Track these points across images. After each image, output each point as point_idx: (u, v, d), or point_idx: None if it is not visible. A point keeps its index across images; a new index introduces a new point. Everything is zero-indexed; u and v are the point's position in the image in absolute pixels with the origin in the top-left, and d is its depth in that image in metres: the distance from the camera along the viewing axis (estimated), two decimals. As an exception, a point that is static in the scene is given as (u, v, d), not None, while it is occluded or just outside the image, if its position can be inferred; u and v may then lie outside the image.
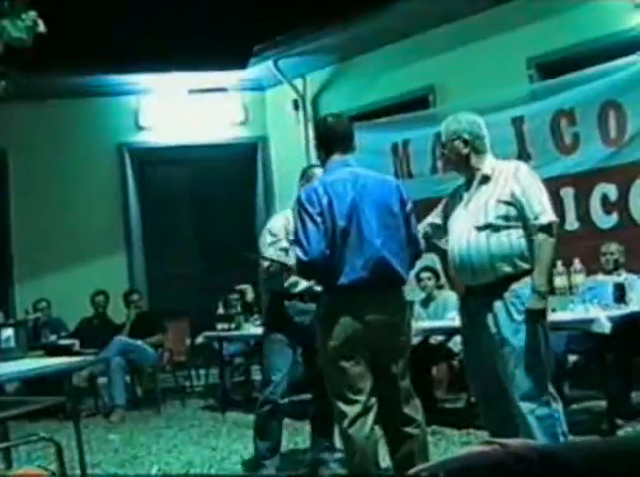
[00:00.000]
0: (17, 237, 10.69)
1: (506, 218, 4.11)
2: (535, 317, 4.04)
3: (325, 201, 3.97)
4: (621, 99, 7.35)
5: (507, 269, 4.10)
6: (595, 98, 7.51)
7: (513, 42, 8.26)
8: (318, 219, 3.95)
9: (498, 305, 4.09)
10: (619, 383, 6.16)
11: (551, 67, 8.23)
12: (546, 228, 4.08)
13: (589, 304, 6.05)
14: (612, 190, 7.44)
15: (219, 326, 8.26)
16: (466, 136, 4.32)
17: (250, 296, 9.31)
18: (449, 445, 5.90)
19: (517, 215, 4.12)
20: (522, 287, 4.09)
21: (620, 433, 5.60)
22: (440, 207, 4.67)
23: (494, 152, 8.08)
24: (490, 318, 4.12)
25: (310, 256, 3.91)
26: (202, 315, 9.38)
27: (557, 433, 4.03)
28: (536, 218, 4.08)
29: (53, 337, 8.95)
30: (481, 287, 4.17)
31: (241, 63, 10.40)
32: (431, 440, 6.01)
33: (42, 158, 10.64)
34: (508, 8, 8.25)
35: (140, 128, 11.08)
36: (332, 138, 4.30)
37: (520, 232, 4.12)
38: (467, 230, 4.19)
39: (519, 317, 4.05)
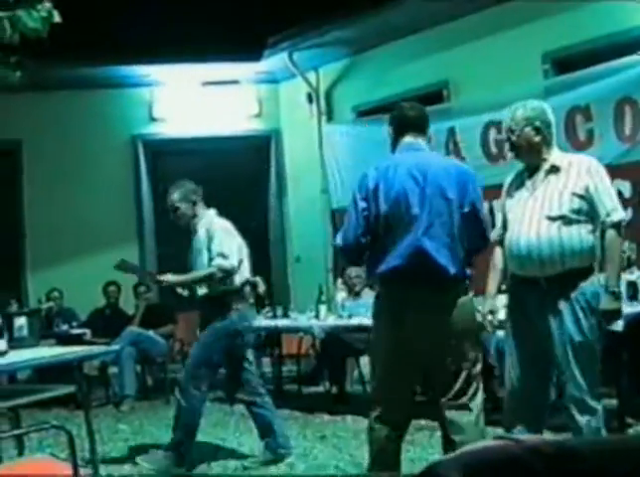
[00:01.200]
0: (30, 226, 10.75)
1: (578, 212, 4.10)
2: (610, 317, 4.05)
3: (372, 186, 3.94)
4: (637, 95, 7.31)
5: (575, 263, 4.09)
6: (611, 94, 7.48)
7: (528, 36, 8.22)
8: (361, 204, 3.94)
9: (562, 301, 4.08)
10: (631, 381, 6.14)
11: (566, 62, 8.20)
12: (617, 225, 4.10)
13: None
14: (626, 186, 7.40)
15: (229, 318, 8.28)
16: (538, 124, 4.24)
17: (262, 288, 9.33)
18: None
19: (588, 210, 4.10)
20: (587, 284, 4.10)
21: (630, 432, 5.59)
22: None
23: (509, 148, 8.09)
24: (552, 312, 4.11)
25: (344, 242, 3.95)
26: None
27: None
28: (608, 215, 4.08)
29: (65, 326, 8.99)
30: (545, 279, 4.13)
31: (255, 55, 10.38)
32: (440, 435, 6.05)
33: (56, 149, 10.68)
34: (524, 2, 8.21)
35: (154, 120, 11.10)
36: (403, 121, 4.25)
37: (589, 227, 4.13)
38: (537, 220, 4.14)
39: (582, 314, 4.05)
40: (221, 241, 5.78)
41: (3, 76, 6.62)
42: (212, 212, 6.16)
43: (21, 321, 4.90)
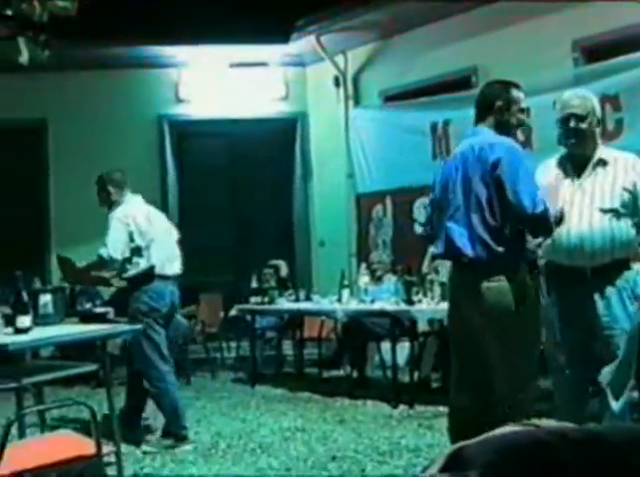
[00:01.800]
0: (55, 204, 10.82)
1: (626, 206, 4.20)
2: None
3: (436, 175, 4.18)
4: (667, 85, 7.25)
5: (622, 254, 4.20)
6: (641, 84, 7.41)
7: (559, 24, 8.13)
8: (430, 194, 4.23)
9: (609, 288, 4.16)
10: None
11: (596, 50, 8.11)
12: None
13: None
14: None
15: (252, 300, 8.33)
16: (598, 115, 4.36)
17: (284, 271, 9.38)
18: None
19: (632, 205, 4.21)
20: (631, 273, 4.23)
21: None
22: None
23: (536, 135, 8.05)
24: (599, 300, 4.17)
25: (421, 232, 4.15)
26: (235, 288, 9.43)
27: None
28: None
29: (88, 305, 9.05)
30: (592, 269, 4.19)
31: (283, 37, 10.35)
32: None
33: (82, 128, 10.71)
34: (555, -11, 8.13)
35: (180, 100, 11.10)
36: (477, 105, 4.36)
37: (631, 220, 4.23)
38: (588, 212, 4.19)
39: (628, 301, 4.14)
40: (109, 231, 6.01)
41: (32, 54, 6.65)
42: (131, 199, 6.40)
43: (46, 298, 4.93)
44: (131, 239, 5.90)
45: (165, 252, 6.13)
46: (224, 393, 7.88)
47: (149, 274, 5.88)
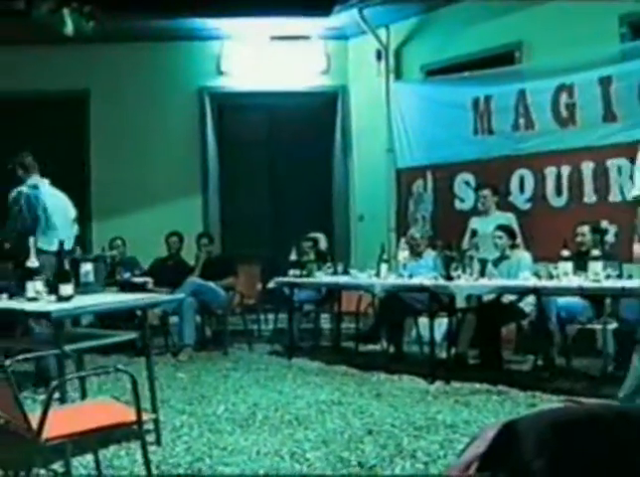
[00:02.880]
0: (96, 175, 10.90)
1: None
2: None
3: None
4: None
5: None
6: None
7: (606, -2, 8.00)
8: None
9: None
10: None
11: (644, 26, 7.98)
12: None
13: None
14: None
15: (291, 272, 8.34)
16: None
17: (323, 245, 9.39)
18: (514, 406, 5.88)
19: None
20: None
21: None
22: None
23: (580, 112, 7.95)
24: None
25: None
26: (273, 260, 9.45)
27: None
28: None
29: (127, 275, 9.13)
30: None
31: (325, 10, 10.27)
32: (496, 399, 6.05)
33: (123, 99, 10.78)
34: (603, -38, 7.98)
35: (221, 73, 11.09)
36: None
37: None
38: None
39: None
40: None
41: (77, 26, 6.70)
42: (33, 181, 6.90)
43: (87, 267, 4.99)
44: (25, 217, 6.53)
45: (62, 231, 6.66)
46: (261, 364, 7.92)
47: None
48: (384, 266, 7.73)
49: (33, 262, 4.78)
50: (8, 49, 10.24)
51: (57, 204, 7.06)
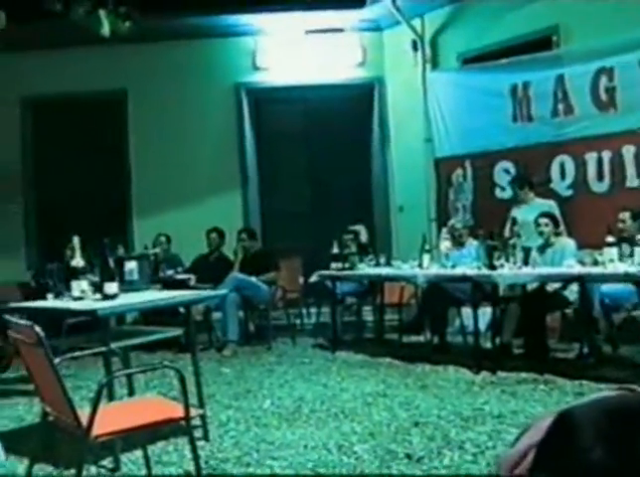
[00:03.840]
0: (136, 173, 11.00)
1: None
2: None
3: None
4: None
5: None
6: None
7: (645, -21, 7.87)
8: None
9: None
10: None
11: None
12: None
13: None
14: None
15: (333, 265, 8.32)
16: None
17: (364, 237, 9.37)
18: (561, 395, 5.83)
19: None
20: None
21: None
22: None
23: (620, 95, 7.84)
24: None
25: None
26: (315, 254, 9.45)
27: None
28: None
29: (170, 272, 9.18)
30: None
31: (359, 2, 10.27)
32: (543, 389, 6.00)
33: (161, 97, 10.86)
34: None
35: (257, 68, 11.12)
36: None
37: None
38: None
39: None
40: None
41: (113, 26, 6.75)
42: None
43: (131, 265, 5.02)
44: None
45: None
46: (304, 358, 7.93)
47: None
48: (426, 257, 7.69)
49: (78, 262, 4.83)
50: (48, 52, 10.39)
51: None
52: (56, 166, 11.18)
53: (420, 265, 7.69)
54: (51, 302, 5.00)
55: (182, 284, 8.45)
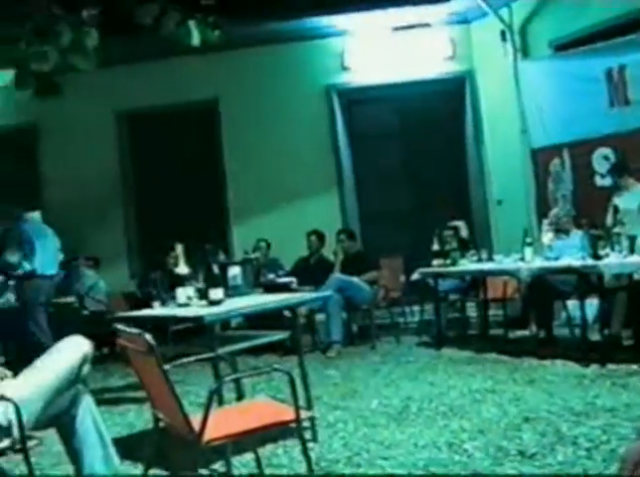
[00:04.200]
0: (232, 179, 11.18)
1: None
2: None
3: None
4: None
5: None
6: None
7: None
8: None
9: None
10: None
11: None
12: None
13: None
14: None
15: (434, 262, 8.25)
16: None
17: (464, 232, 9.27)
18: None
19: None
20: None
21: None
22: None
23: None
24: None
25: None
26: (415, 251, 9.41)
27: None
28: None
29: (271, 276, 9.27)
30: None
31: (445, -4, 10.22)
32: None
33: (252, 103, 11.01)
34: None
35: (346, 69, 11.14)
36: None
37: None
38: None
39: None
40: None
41: (203, 36, 6.86)
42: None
43: (235, 270, 5.09)
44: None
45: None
46: (409, 357, 7.90)
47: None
48: (528, 250, 7.55)
49: (182, 269, 4.92)
50: (139, 65, 10.64)
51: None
52: (153, 176, 11.45)
53: (523, 259, 7.56)
54: (157, 310, 5.10)
55: (284, 288, 8.51)
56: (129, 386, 7.57)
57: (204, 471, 4.30)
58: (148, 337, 3.24)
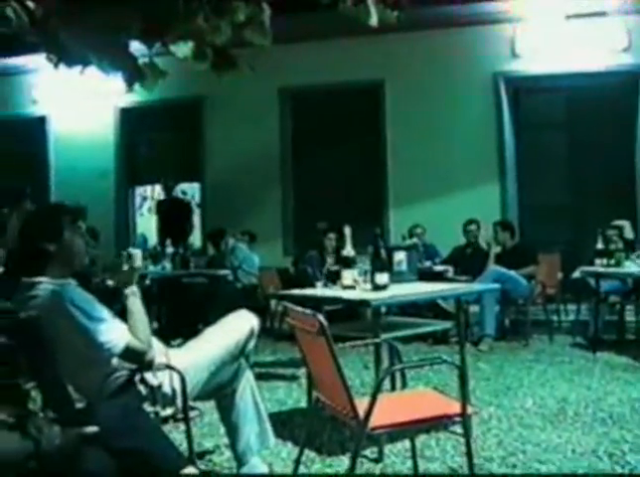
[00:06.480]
0: (393, 164, 11.13)
1: None
2: None
3: None
4: None
5: None
6: None
7: None
8: None
9: None
10: None
11: None
12: None
13: None
14: None
15: (597, 261, 7.95)
16: None
17: (629, 232, 8.90)
18: None
19: None
20: None
21: None
22: None
23: None
24: None
25: None
26: (574, 248, 9.12)
27: None
28: None
29: (427, 263, 9.16)
30: None
31: (623, -17, 9.81)
32: None
33: (417, 87, 10.94)
34: None
35: (515, 56, 10.87)
36: None
37: None
38: None
39: None
40: None
41: (381, 16, 6.77)
42: None
43: (400, 256, 5.02)
44: None
45: None
46: (564, 357, 7.64)
47: None
48: (700, 255, 7.17)
49: (349, 251, 4.89)
50: (308, 43, 10.69)
51: None
52: (312, 155, 11.53)
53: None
54: (320, 290, 5.09)
55: (439, 276, 8.39)
56: (279, 362, 7.64)
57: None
58: (321, 317, 3.21)
